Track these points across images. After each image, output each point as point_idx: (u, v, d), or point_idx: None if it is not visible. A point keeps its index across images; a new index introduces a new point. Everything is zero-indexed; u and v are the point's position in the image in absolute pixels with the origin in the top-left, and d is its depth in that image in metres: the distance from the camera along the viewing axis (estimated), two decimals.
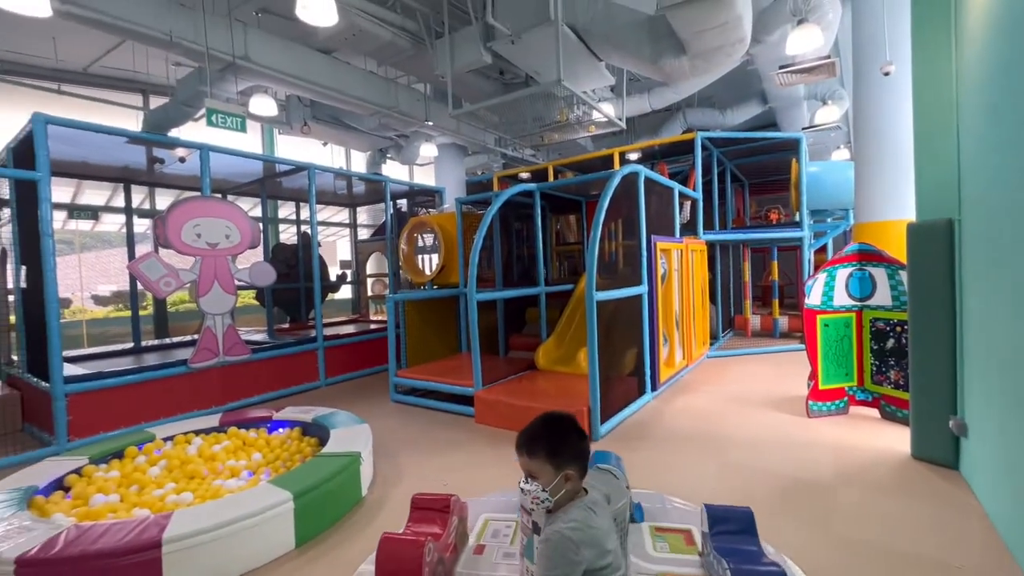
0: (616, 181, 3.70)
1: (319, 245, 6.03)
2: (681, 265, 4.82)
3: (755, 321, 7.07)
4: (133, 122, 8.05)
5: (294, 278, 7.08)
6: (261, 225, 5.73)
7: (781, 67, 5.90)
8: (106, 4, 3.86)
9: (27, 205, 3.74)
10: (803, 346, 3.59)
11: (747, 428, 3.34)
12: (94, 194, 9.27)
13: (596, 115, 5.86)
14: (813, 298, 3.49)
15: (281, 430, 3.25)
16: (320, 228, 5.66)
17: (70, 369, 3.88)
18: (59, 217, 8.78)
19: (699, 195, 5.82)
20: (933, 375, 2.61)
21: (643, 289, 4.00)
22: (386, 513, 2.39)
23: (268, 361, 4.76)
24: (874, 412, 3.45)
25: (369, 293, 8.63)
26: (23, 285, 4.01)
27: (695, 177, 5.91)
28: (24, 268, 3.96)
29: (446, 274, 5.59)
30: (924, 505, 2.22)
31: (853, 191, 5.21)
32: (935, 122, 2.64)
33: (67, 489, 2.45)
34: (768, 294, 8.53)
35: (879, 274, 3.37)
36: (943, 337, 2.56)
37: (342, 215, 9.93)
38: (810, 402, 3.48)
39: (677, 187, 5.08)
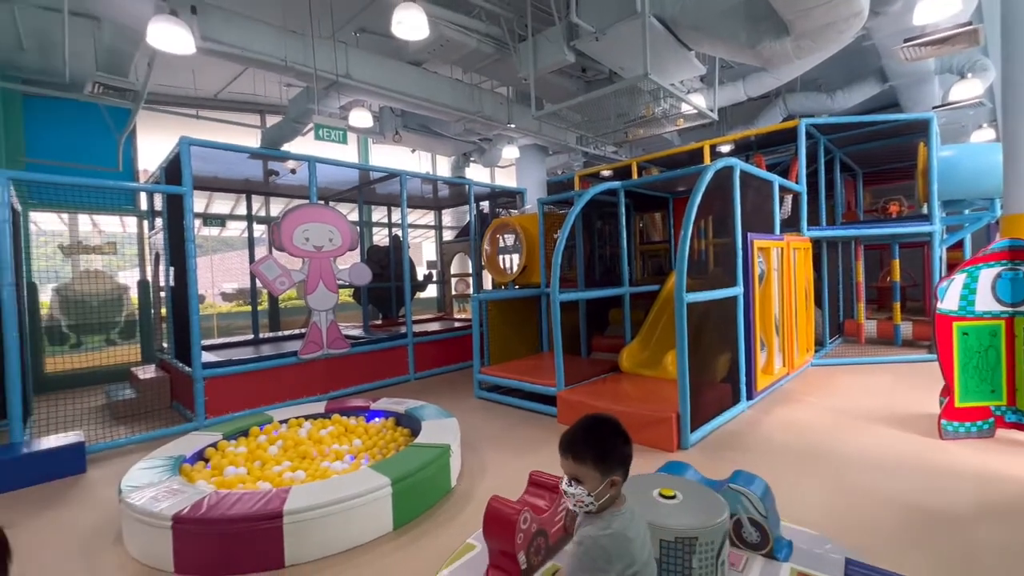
0: (708, 177, 3.49)
1: (408, 247, 6.39)
2: (781, 264, 4.44)
3: (870, 327, 6.31)
4: (253, 139, 9.09)
5: (386, 278, 7.57)
6: (358, 229, 6.20)
7: (907, 40, 5.20)
8: (235, 38, 4.41)
9: (174, 215, 4.39)
10: (933, 356, 3.15)
11: (863, 447, 2.99)
12: (221, 204, 10.65)
13: (685, 107, 5.58)
14: (948, 302, 3.04)
15: (377, 419, 3.49)
16: (408, 230, 5.99)
17: (207, 357, 4.48)
18: (195, 226, 10.21)
19: (802, 188, 5.32)
20: None
21: (738, 290, 3.74)
22: (474, 505, 2.47)
23: (364, 355, 5.13)
24: None
25: (453, 292, 8.98)
26: (171, 283, 4.71)
27: (797, 168, 5.40)
28: (173, 268, 4.64)
29: (528, 274, 5.65)
30: None
31: (1000, 177, 4.44)
32: None
33: (206, 460, 2.83)
34: (887, 297, 7.59)
35: None
36: None
37: (428, 217, 10.43)
38: (943, 421, 3.03)
39: (777, 180, 4.68)
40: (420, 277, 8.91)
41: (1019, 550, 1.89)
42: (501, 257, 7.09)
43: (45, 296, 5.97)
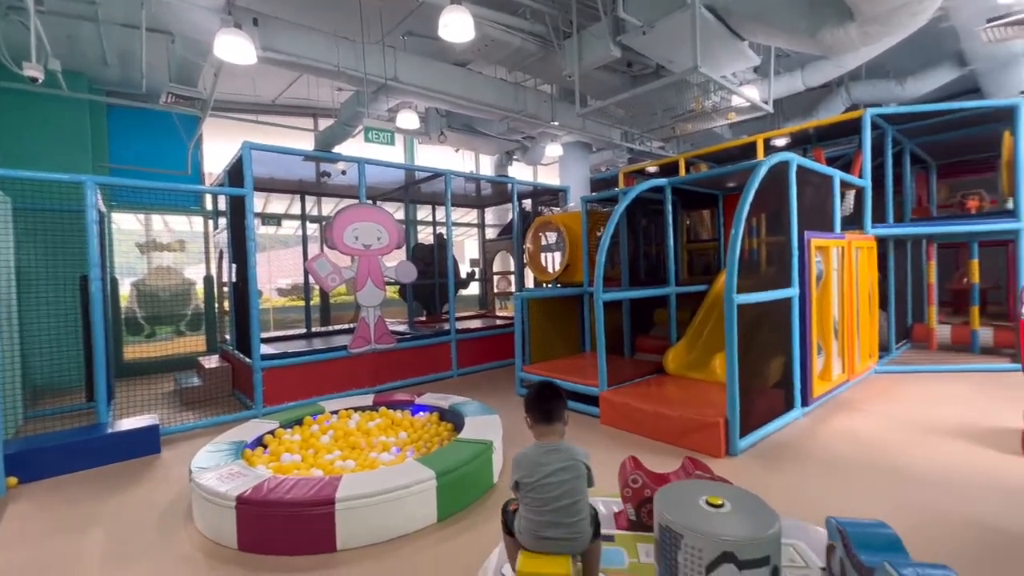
0: (762, 172, 3.34)
1: (452, 245, 6.50)
2: (842, 265, 4.19)
3: (943, 332, 5.83)
4: (307, 142, 9.53)
5: (430, 275, 7.73)
6: (404, 227, 6.38)
7: (990, 20, 4.75)
8: (292, 47, 4.64)
9: (236, 215, 4.67)
10: (1017, 366, 2.87)
11: (933, 462, 2.78)
12: (277, 204, 11.24)
13: (736, 100, 5.36)
14: None
15: (422, 413, 3.58)
16: (452, 229, 6.09)
17: (265, 349, 4.75)
18: (254, 223, 10.82)
19: (867, 182, 4.99)
20: None
21: (793, 292, 3.57)
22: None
23: (409, 350, 5.28)
24: None
25: (495, 290, 9.06)
26: (234, 279, 5.02)
27: (861, 162, 5.07)
28: (235, 265, 4.95)
29: (570, 273, 5.62)
30: None
31: None
32: None
33: (265, 446, 3.01)
34: (964, 300, 6.97)
35: None
36: None
37: (471, 216, 10.57)
38: None
39: (838, 175, 4.42)
40: (463, 275, 9.04)
41: None
42: (543, 255, 7.09)
43: (124, 290, 6.53)
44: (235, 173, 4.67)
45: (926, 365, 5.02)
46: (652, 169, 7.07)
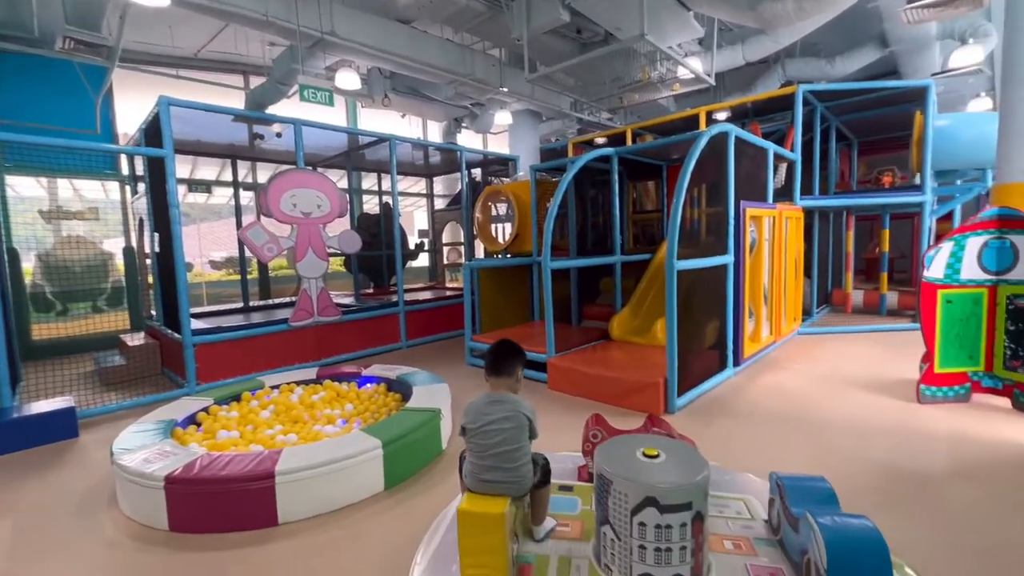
0: (703, 143, 3.44)
1: (399, 215, 6.30)
2: (773, 234, 4.44)
3: (857, 297, 6.39)
4: (237, 102, 8.79)
5: (377, 246, 7.49)
6: (347, 195, 6.08)
7: (910, 1, 5.06)
8: None
9: (157, 179, 4.26)
10: (916, 325, 3.20)
11: (845, 411, 3.08)
12: (207, 170, 10.37)
13: (681, 71, 5.44)
14: (934, 270, 3.08)
15: (369, 385, 3.52)
16: (399, 198, 5.89)
17: (196, 324, 4.45)
18: (179, 191, 9.96)
19: (797, 156, 5.27)
20: None
21: (729, 259, 3.75)
22: None
23: (355, 323, 5.13)
24: (1003, 402, 3.02)
25: (445, 261, 8.94)
26: (156, 250, 4.62)
27: (793, 136, 5.34)
28: (157, 235, 4.55)
29: (520, 242, 5.61)
30: None
31: (994, 147, 4.42)
32: None
33: (198, 424, 2.85)
34: (875, 267, 7.67)
35: (1023, 244, 2.88)
36: None
37: (419, 185, 10.26)
38: (922, 386, 3.12)
39: (772, 148, 4.63)
40: (411, 246, 8.84)
41: (984, 508, 1.98)
42: (493, 226, 7.04)
43: (28, 263, 5.86)
44: (152, 132, 4.23)
45: (842, 327, 5.51)
46: (601, 140, 7.11)
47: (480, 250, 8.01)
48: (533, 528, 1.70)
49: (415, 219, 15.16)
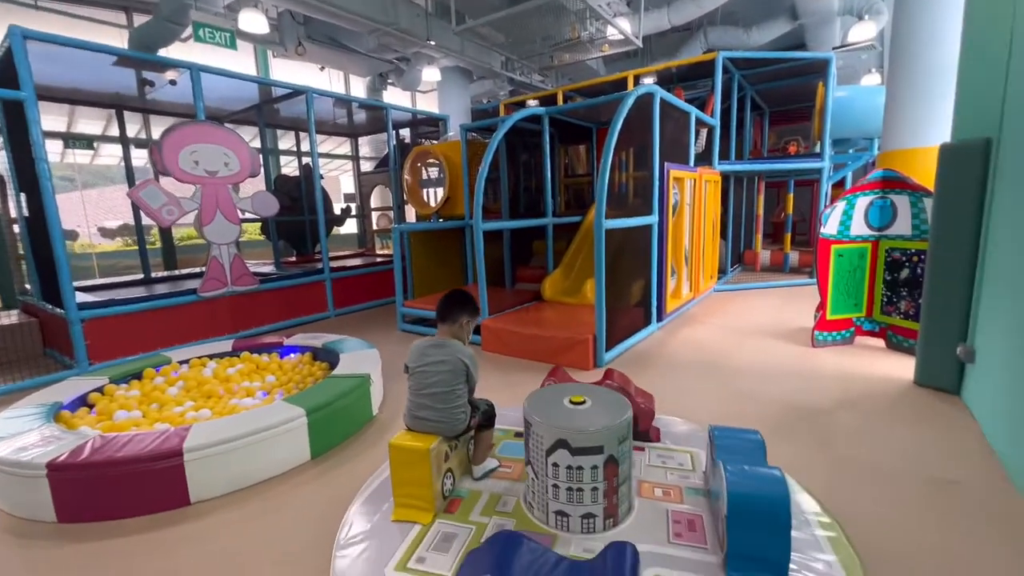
0: (630, 102, 3.48)
1: (321, 177, 5.88)
2: (693, 197, 4.66)
3: (765, 256, 6.97)
4: (119, 42, 7.61)
5: (298, 211, 6.99)
6: (261, 154, 5.55)
7: None
8: None
9: (17, 130, 3.61)
10: (812, 281, 3.54)
11: (752, 358, 3.38)
12: (88, 123, 9.00)
13: (610, 32, 5.43)
14: (829, 227, 3.39)
15: (292, 355, 3.33)
16: (322, 161, 5.48)
17: (84, 298, 3.93)
18: (57, 149, 8.57)
19: (716, 122, 5.52)
20: (947, 303, 2.57)
21: (653, 219, 3.90)
22: (396, 430, 2.47)
23: (276, 292, 4.80)
24: (879, 343, 3.46)
25: (375, 227, 8.55)
26: (25, 214, 3.97)
27: (713, 103, 5.57)
28: (24, 196, 3.90)
29: (451, 205, 5.47)
30: (925, 427, 2.27)
31: (881, 118, 4.90)
32: (987, 31, 2.39)
33: (91, 406, 2.55)
34: (780, 229, 8.36)
35: (902, 202, 3.23)
36: (962, 264, 2.49)
37: (344, 147, 9.62)
38: (816, 332, 3.48)
39: (694, 112, 4.80)
40: (337, 211, 8.35)
41: (863, 431, 2.28)
42: (424, 190, 6.78)
43: None
44: (6, 72, 3.54)
45: (751, 283, 6.00)
46: (533, 102, 7.00)
47: (411, 214, 7.75)
48: (473, 467, 1.81)
49: (341, 183, 14.30)
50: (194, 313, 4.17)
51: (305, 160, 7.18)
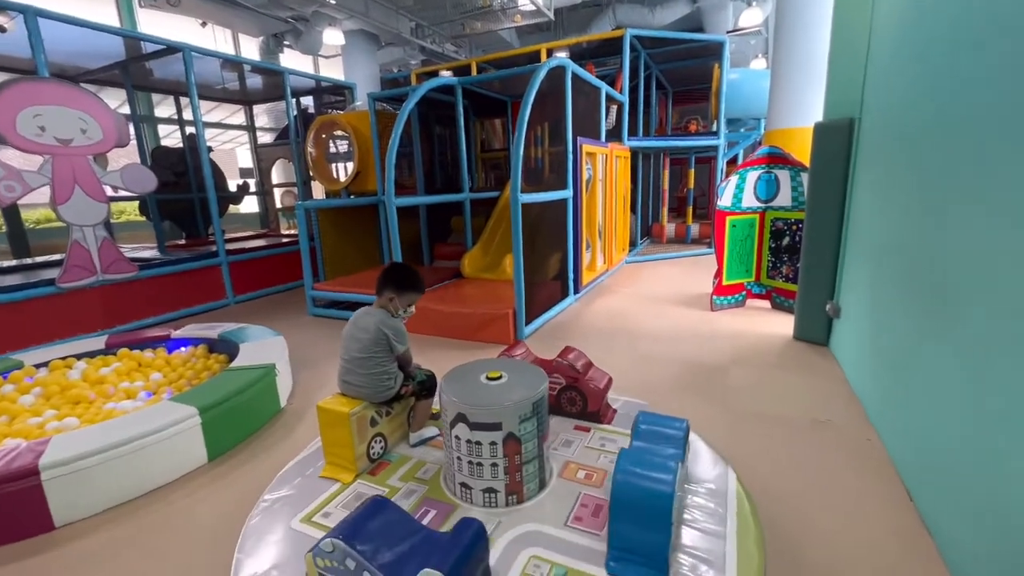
0: (542, 74, 3.46)
1: (210, 150, 5.24)
2: (605, 173, 4.81)
3: (670, 228, 7.45)
4: None
5: (184, 187, 6.22)
6: (132, 122, 4.79)
7: None
8: None
9: None
10: (711, 250, 3.82)
11: (660, 323, 3.61)
12: None
13: (522, 2, 5.33)
14: (724, 199, 3.66)
15: (183, 349, 2.98)
16: (213, 132, 4.86)
17: None
18: None
19: (625, 99, 5.70)
20: (819, 266, 2.91)
21: (568, 193, 3.96)
22: (309, 421, 2.33)
23: (161, 279, 4.26)
24: (766, 304, 3.85)
25: (278, 205, 7.87)
26: None
27: (622, 79, 5.73)
28: None
29: (362, 180, 5.16)
30: (802, 376, 2.57)
31: (767, 100, 5.36)
32: (851, 20, 2.66)
33: None
34: (683, 204, 8.97)
35: (783, 176, 3.57)
36: (831, 231, 2.81)
37: (238, 117, 8.64)
38: (714, 297, 3.80)
39: (605, 88, 4.90)
40: (233, 188, 7.56)
41: (754, 383, 2.53)
42: (333, 165, 6.32)
43: None
44: None
45: (659, 255, 6.39)
46: (446, 72, 6.74)
47: (320, 191, 7.22)
48: (410, 434, 1.86)
49: (237, 156, 12.94)
50: (54, 308, 3.57)
51: (190, 130, 6.35)
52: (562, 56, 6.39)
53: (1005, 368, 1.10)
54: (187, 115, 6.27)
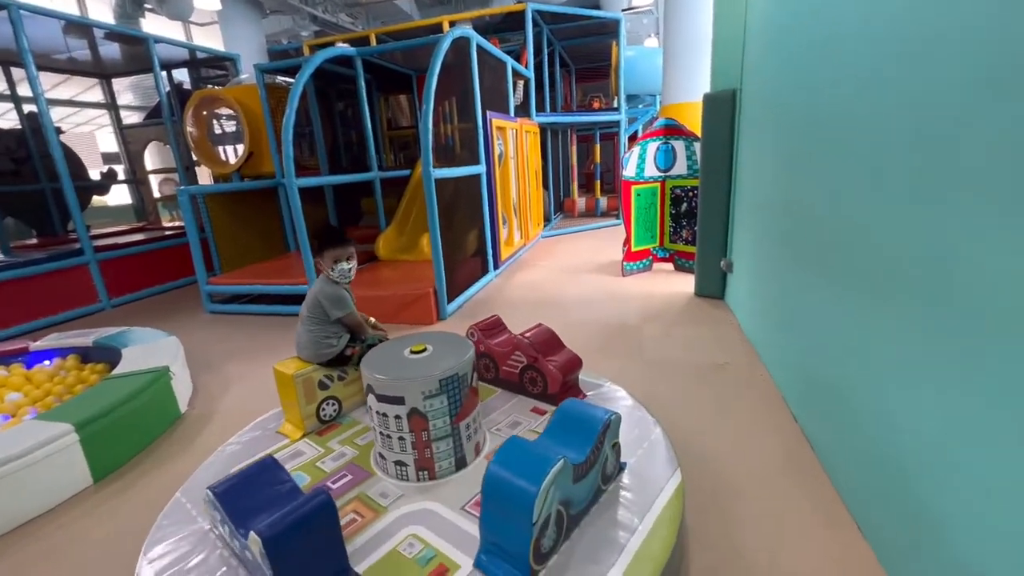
0: (446, 44, 3.36)
1: (60, 132, 4.46)
2: (517, 149, 4.84)
3: (581, 203, 7.73)
4: None
5: (27, 177, 5.27)
6: None
7: None
8: None
9: None
10: (620, 222, 4.03)
11: (577, 291, 3.76)
12: None
13: None
14: (629, 170, 3.86)
15: (47, 362, 2.56)
16: (64, 110, 4.11)
17: None
18: None
19: (531, 74, 5.73)
20: (713, 227, 3.19)
21: (481, 168, 3.94)
22: (214, 425, 2.13)
23: (8, 285, 3.60)
24: (670, 267, 4.16)
25: (156, 195, 6.94)
26: None
27: (527, 55, 5.75)
28: None
29: (256, 162, 4.70)
30: (703, 327, 2.83)
31: (661, 76, 5.69)
32: (731, 3, 2.88)
33: None
34: (591, 179, 9.33)
35: (679, 146, 3.84)
36: (722, 194, 3.09)
37: (95, 93, 7.40)
38: (624, 263, 4.02)
39: (510, 62, 4.89)
40: (96, 176, 6.54)
41: (664, 336, 2.74)
42: (220, 147, 5.68)
43: None
44: None
45: (571, 228, 6.62)
46: (343, 44, 6.30)
47: (206, 176, 6.49)
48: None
49: (97, 140, 11.15)
50: None
51: (29, 108, 5.33)
52: (466, 28, 6.25)
53: (860, 305, 1.29)
54: (23, 91, 5.26)
